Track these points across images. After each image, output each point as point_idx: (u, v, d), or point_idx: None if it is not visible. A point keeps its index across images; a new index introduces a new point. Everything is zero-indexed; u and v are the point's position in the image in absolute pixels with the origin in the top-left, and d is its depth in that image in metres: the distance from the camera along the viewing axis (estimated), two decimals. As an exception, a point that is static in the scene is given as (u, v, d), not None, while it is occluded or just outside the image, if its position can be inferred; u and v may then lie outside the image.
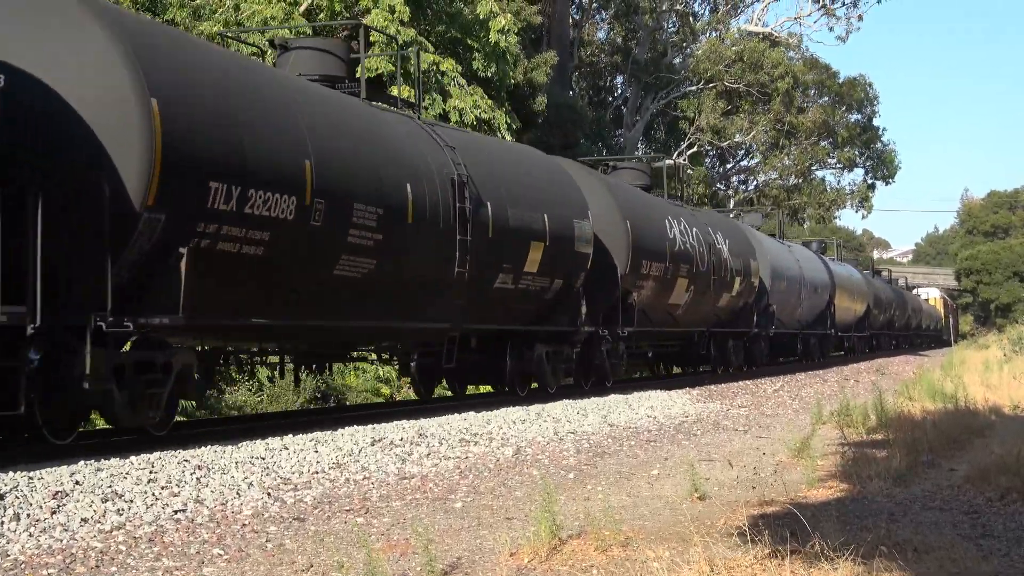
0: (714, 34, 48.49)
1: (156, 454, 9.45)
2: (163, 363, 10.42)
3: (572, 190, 17.94)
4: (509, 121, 25.18)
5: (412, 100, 16.05)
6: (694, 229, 23.27)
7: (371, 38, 22.88)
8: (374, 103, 14.46)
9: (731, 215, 35.38)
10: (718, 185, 51.81)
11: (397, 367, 18.71)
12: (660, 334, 23.18)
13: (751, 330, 27.71)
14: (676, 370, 28.83)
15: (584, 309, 17.73)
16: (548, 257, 16.50)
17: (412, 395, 19.40)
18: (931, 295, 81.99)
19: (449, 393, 18.94)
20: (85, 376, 9.29)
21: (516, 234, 15.72)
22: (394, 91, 16.09)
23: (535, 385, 17.47)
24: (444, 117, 22.79)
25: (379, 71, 21.78)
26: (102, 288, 9.11)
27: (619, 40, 47.34)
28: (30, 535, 6.87)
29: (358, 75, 14.98)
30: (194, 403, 16.25)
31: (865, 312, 44.29)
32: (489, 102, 24.36)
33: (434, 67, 23.25)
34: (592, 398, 17.54)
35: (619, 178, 22.75)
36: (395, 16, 22.78)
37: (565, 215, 17.17)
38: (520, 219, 15.83)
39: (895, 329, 55.73)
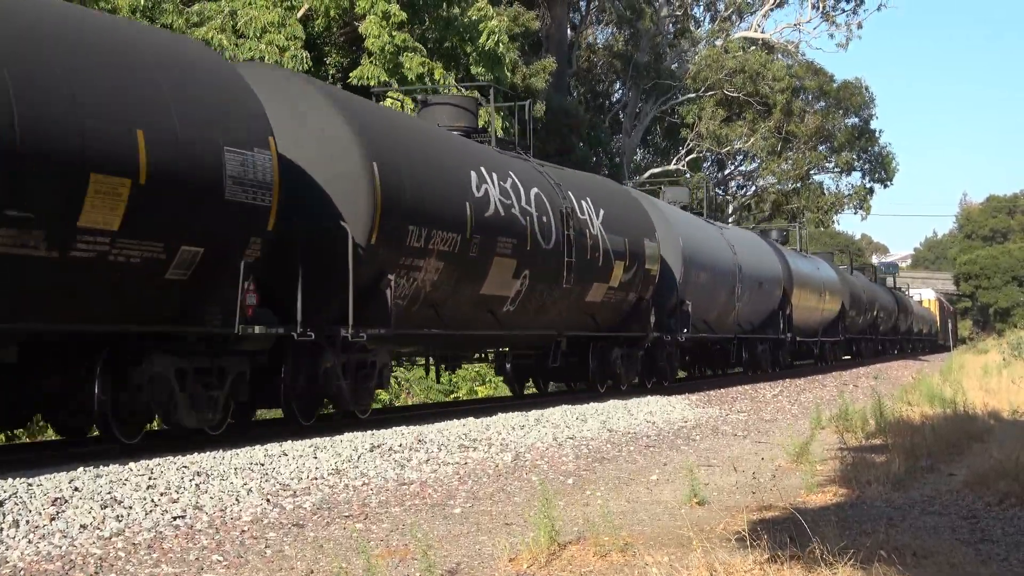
0: (716, 43, 48.53)
1: (155, 460, 9.46)
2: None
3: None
4: (507, 125, 25.17)
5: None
6: (533, 190, 16.62)
7: (367, 45, 22.90)
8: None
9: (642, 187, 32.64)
10: (716, 190, 51.83)
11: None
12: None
13: (647, 334, 20.76)
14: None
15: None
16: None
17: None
18: (924, 296, 78.40)
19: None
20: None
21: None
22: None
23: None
24: None
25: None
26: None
27: (618, 46, 47.40)
28: (29, 541, 6.86)
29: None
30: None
31: (839, 313, 38.87)
32: (499, 114, 24.34)
33: (427, 73, 23.27)
34: (591, 404, 17.56)
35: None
36: (390, 23, 22.78)
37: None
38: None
39: (880, 333, 50.76)
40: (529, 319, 16.95)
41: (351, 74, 23.00)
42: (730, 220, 36.34)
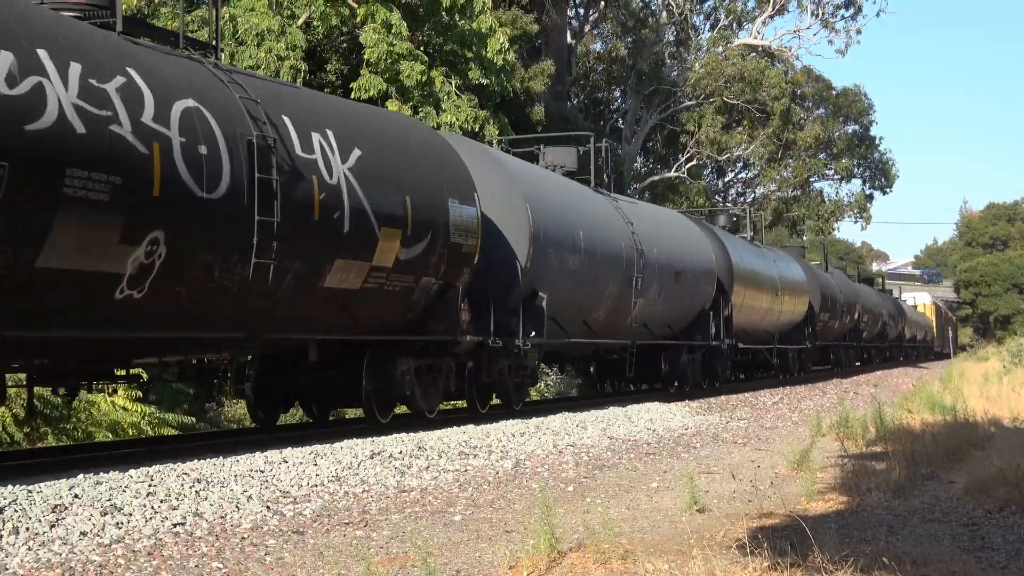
0: (715, 50, 48.57)
1: (155, 467, 9.46)
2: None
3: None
4: (499, 131, 25.16)
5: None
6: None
7: (366, 56, 22.92)
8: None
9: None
10: (717, 197, 51.85)
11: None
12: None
13: (457, 339, 15.02)
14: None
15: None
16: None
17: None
18: (920, 301, 75.25)
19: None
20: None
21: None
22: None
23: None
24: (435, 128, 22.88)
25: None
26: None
27: (618, 53, 47.44)
28: (29, 549, 6.86)
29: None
30: (194, 418, 16.83)
31: (806, 316, 33.41)
32: (483, 112, 24.37)
33: (426, 80, 23.31)
34: (592, 411, 17.56)
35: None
36: (390, 32, 22.81)
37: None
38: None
39: (865, 340, 45.59)
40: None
41: (352, 85, 23.03)
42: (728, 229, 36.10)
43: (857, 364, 46.18)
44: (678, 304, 23.01)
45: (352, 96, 22.35)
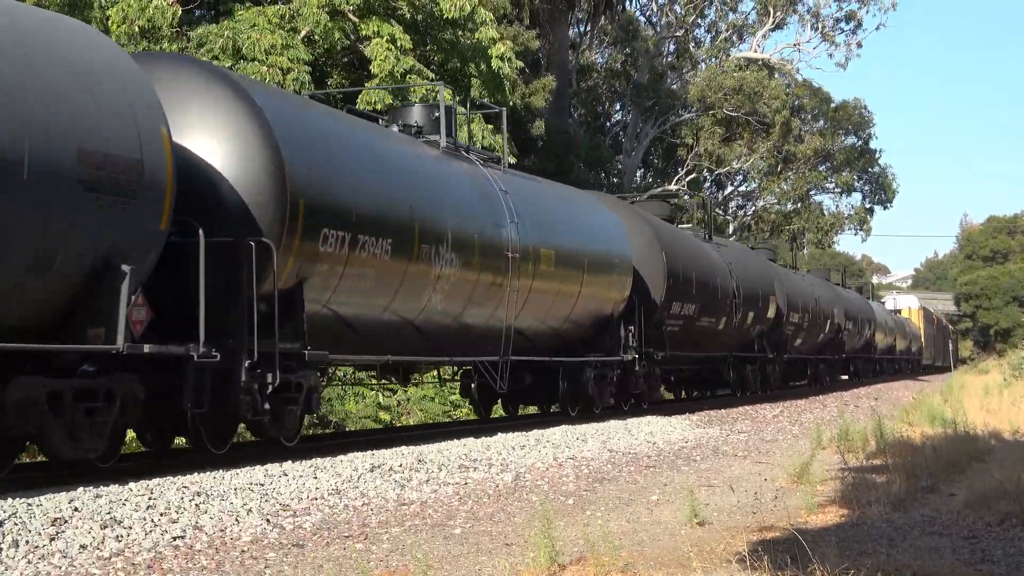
0: (714, 62, 48.70)
1: (155, 480, 9.46)
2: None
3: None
4: (509, 147, 25.29)
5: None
6: None
7: (373, 69, 23.00)
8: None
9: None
10: (717, 211, 51.94)
11: None
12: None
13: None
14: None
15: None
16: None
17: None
18: (904, 305, 65.53)
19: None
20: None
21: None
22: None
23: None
24: None
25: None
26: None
27: (618, 65, 47.57)
28: (28, 562, 6.85)
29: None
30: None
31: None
32: (489, 127, 24.48)
33: (432, 95, 23.40)
34: (592, 423, 17.56)
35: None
36: (396, 47, 22.92)
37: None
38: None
39: (825, 352, 37.48)
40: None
41: (358, 99, 23.11)
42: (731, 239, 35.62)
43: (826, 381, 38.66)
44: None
45: (358, 107, 22.44)
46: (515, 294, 16.43)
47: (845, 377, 44.21)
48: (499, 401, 19.88)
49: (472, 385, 18.71)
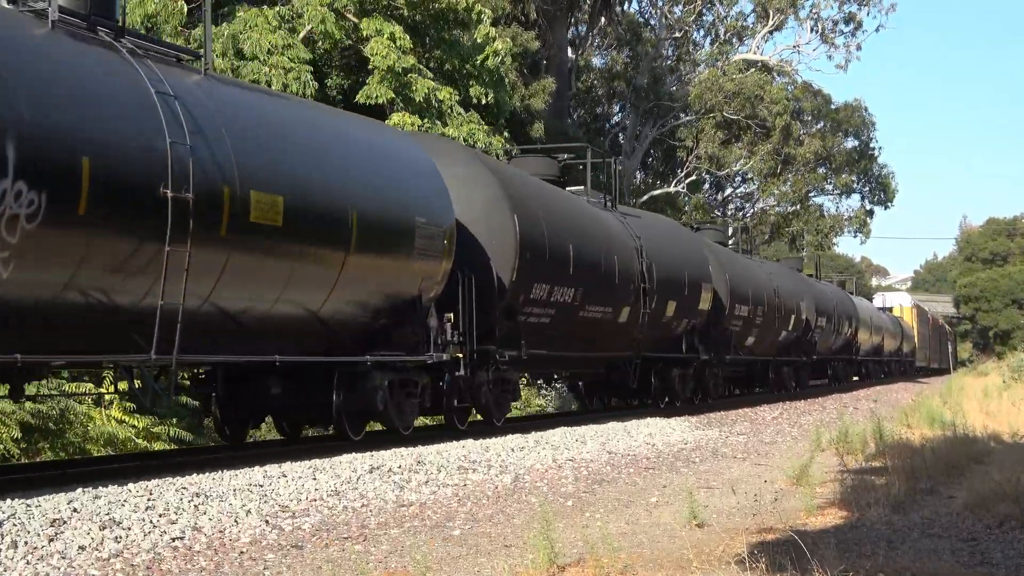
0: (716, 65, 48.71)
1: (154, 481, 9.45)
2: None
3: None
4: (509, 147, 25.30)
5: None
6: None
7: (373, 64, 23.03)
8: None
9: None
10: (716, 212, 51.96)
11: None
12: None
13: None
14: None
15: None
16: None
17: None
18: (895, 303, 60.74)
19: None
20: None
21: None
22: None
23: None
24: None
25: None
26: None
27: (618, 67, 47.59)
28: (27, 563, 6.85)
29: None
30: (191, 433, 16.59)
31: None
32: (486, 128, 24.48)
33: (433, 94, 23.41)
34: (591, 425, 17.55)
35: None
36: (397, 45, 22.93)
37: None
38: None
39: (790, 353, 32.13)
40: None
41: (359, 93, 23.12)
42: (730, 242, 34.78)
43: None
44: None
45: (359, 101, 22.43)
46: (195, 261, 10.38)
47: (824, 381, 39.31)
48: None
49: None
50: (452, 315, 14.82)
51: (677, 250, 22.91)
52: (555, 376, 22.95)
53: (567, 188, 20.79)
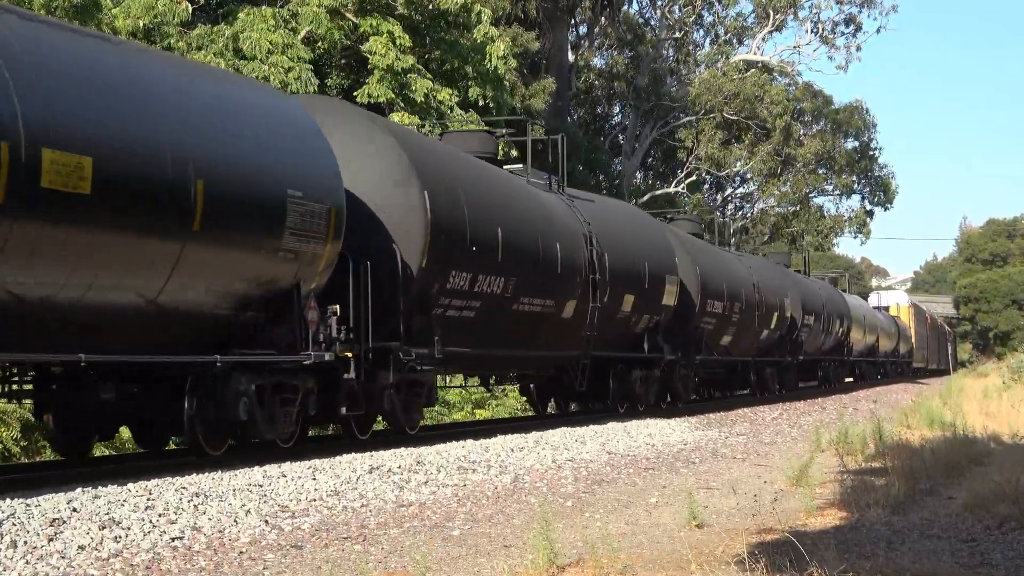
0: (717, 65, 48.74)
1: (154, 481, 9.45)
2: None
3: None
4: (506, 148, 25.29)
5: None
6: None
7: (373, 62, 23.05)
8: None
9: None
10: (716, 213, 52.01)
11: None
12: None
13: None
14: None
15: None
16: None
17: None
18: (892, 302, 59.08)
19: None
20: None
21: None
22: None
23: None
24: None
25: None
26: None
27: (618, 68, 47.62)
28: (27, 563, 6.85)
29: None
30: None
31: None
32: (485, 127, 24.50)
33: (432, 95, 23.42)
34: (591, 426, 17.55)
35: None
36: (396, 45, 22.95)
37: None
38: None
39: (774, 354, 30.18)
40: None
41: (357, 92, 23.13)
42: (732, 243, 34.11)
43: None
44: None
45: (358, 101, 22.44)
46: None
47: (814, 384, 37.30)
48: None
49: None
50: (338, 307, 12.49)
51: (636, 239, 20.55)
52: (492, 378, 20.02)
53: (505, 167, 18.33)
